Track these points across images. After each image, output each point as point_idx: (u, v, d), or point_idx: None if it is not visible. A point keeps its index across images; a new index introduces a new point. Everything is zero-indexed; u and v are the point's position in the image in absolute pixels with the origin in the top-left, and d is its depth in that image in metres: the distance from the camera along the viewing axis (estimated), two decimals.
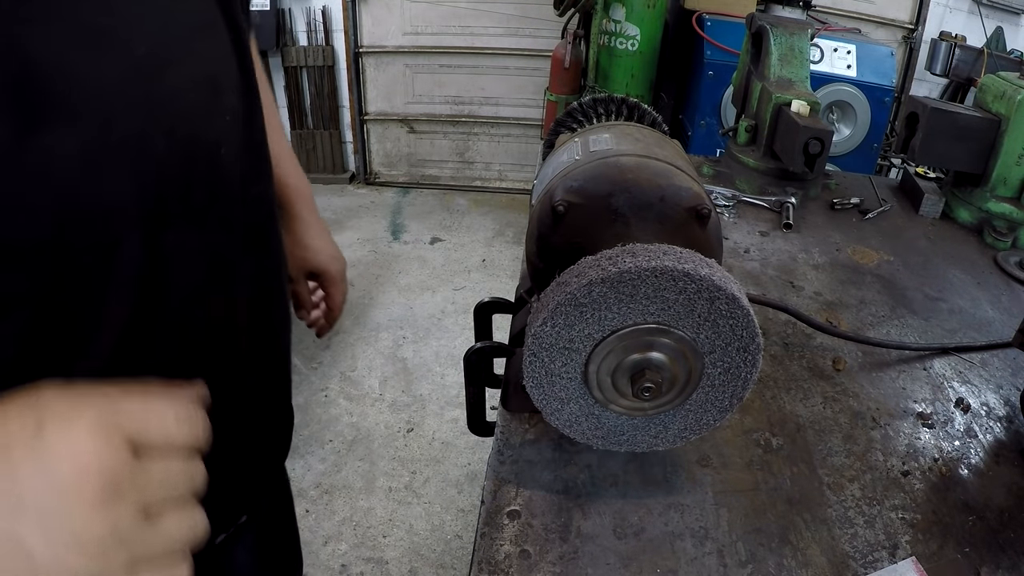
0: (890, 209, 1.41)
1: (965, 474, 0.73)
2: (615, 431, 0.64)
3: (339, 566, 1.90)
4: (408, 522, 2.06)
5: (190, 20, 0.55)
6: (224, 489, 0.70)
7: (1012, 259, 1.22)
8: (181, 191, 0.53)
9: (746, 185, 1.46)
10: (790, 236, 1.26)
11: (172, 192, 0.52)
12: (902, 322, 1.01)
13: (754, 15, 1.60)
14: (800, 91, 1.49)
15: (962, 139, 1.31)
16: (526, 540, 0.61)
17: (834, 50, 2.84)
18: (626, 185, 0.64)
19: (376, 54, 4.12)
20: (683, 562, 0.60)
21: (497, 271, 3.50)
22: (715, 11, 2.98)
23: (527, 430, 0.73)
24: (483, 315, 0.91)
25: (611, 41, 3.02)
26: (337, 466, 2.24)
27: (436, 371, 2.72)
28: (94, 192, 0.46)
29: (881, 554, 0.63)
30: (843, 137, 2.84)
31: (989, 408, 0.84)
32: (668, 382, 0.59)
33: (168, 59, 0.51)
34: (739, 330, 0.57)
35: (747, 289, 1.04)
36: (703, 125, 2.92)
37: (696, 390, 0.60)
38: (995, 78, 1.33)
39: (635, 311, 0.56)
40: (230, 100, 0.59)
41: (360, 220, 4.01)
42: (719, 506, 0.66)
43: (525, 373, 0.59)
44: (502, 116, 4.30)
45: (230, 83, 0.59)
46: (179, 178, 0.53)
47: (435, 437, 2.39)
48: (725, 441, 0.75)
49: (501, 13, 3.96)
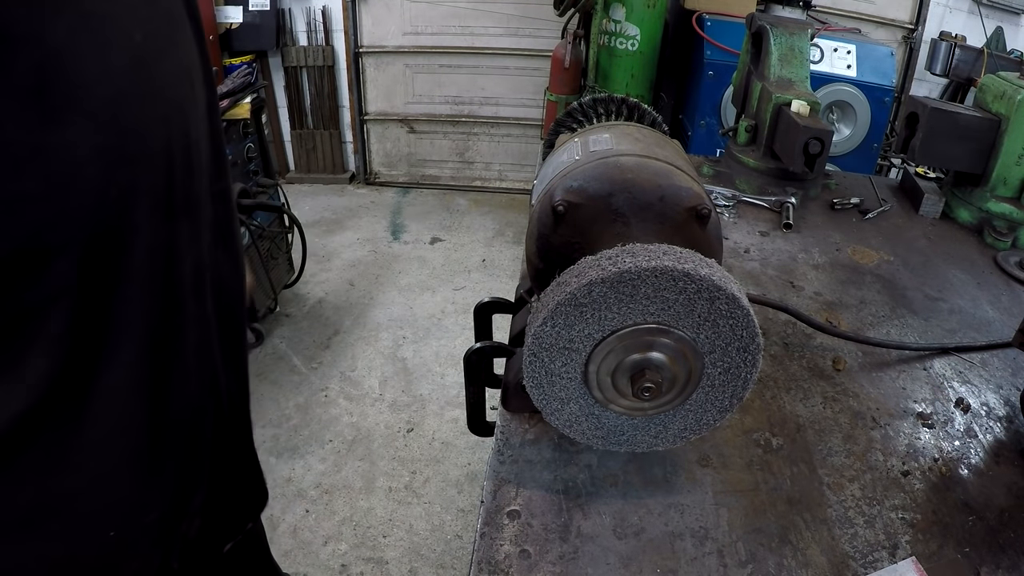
0: (890, 209, 1.41)
1: (965, 474, 0.73)
2: (615, 431, 0.64)
3: (339, 566, 1.90)
4: (408, 522, 2.06)
5: (166, 10, 0.55)
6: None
7: (1012, 259, 1.22)
8: (180, 181, 0.53)
9: (746, 185, 1.46)
10: (790, 236, 1.26)
11: (173, 182, 0.52)
12: (902, 322, 1.01)
13: (754, 15, 1.60)
14: (800, 91, 1.49)
15: (962, 139, 1.31)
16: (526, 540, 0.61)
17: (834, 50, 2.84)
18: (626, 185, 0.64)
19: (376, 54, 4.12)
20: (683, 562, 0.60)
21: (497, 271, 3.50)
22: (715, 11, 2.98)
23: (527, 430, 0.73)
24: (483, 315, 0.91)
25: (611, 41, 3.02)
26: (337, 466, 2.24)
27: (436, 371, 2.72)
28: (113, 185, 0.46)
29: (881, 554, 0.63)
30: (843, 137, 2.84)
31: (989, 408, 0.84)
32: (668, 382, 0.59)
33: (160, 48, 0.51)
34: (739, 330, 0.57)
35: (747, 289, 1.04)
36: (703, 125, 2.92)
37: (696, 390, 0.60)
38: (995, 78, 1.33)
39: (635, 311, 0.56)
40: (200, 91, 0.59)
41: (360, 220, 4.01)
42: (719, 506, 0.66)
43: (525, 373, 0.59)
44: (502, 116, 4.30)
45: (199, 74, 0.59)
46: (177, 169, 0.53)
47: (435, 437, 2.39)
48: (725, 441, 0.75)
49: (501, 13, 3.96)
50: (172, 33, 0.54)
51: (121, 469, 0.52)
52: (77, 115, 0.43)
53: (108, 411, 0.50)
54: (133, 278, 0.49)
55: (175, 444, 0.58)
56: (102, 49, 0.45)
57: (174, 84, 0.53)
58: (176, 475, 0.59)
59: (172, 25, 0.55)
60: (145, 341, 0.51)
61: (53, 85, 0.41)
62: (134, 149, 0.48)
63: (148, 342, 0.52)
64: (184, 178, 0.54)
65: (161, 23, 0.53)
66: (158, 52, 0.51)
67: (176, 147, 0.53)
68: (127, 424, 0.52)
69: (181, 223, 0.55)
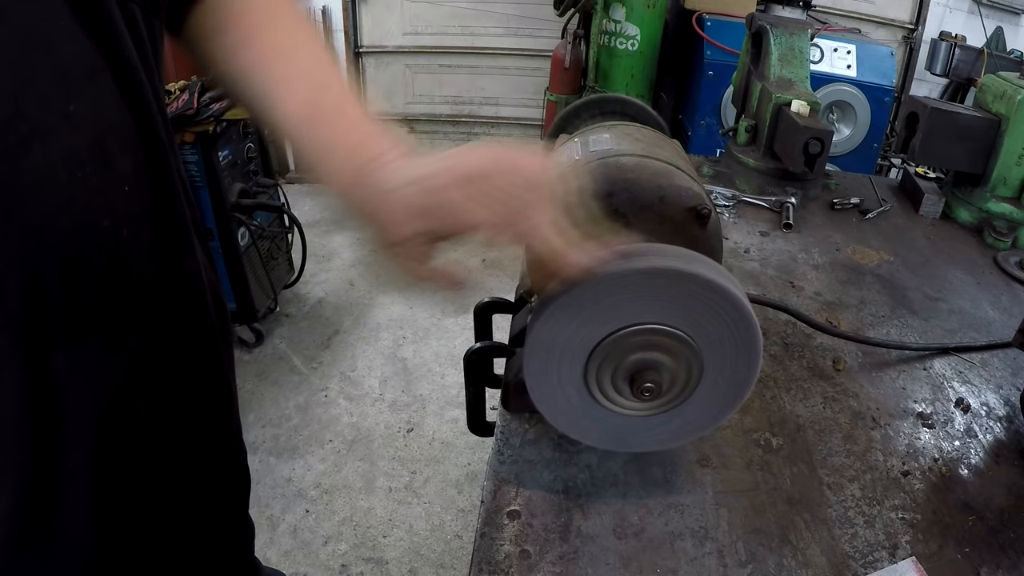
0: (890, 209, 1.41)
1: (965, 474, 0.73)
2: (615, 431, 0.64)
3: (339, 566, 1.90)
4: (408, 522, 2.05)
5: (59, 74, 0.40)
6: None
7: (1012, 259, 1.22)
8: (72, 299, 0.42)
9: (746, 185, 1.46)
10: (790, 236, 1.26)
11: (57, 303, 0.41)
12: (902, 322, 1.01)
13: (754, 15, 1.60)
14: (800, 91, 1.49)
15: (962, 139, 1.31)
16: (526, 540, 0.61)
17: (834, 50, 2.84)
18: (626, 185, 0.64)
19: (376, 54, 4.12)
20: (683, 562, 0.60)
21: (497, 271, 3.50)
22: (715, 11, 2.98)
23: (527, 430, 0.73)
24: (483, 315, 0.91)
25: (611, 41, 3.02)
26: (337, 466, 2.24)
27: (436, 371, 2.72)
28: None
29: (881, 554, 0.63)
30: (843, 137, 2.85)
31: (989, 408, 0.84)
32: (668, 382, 0.59)
33: (34, 129, 0.38)
34: (739, 330, 0.57)
35: (747, 289, 1.04)
36: (703, 125, 2.92)
37: (696, 390, 0.60)
38: (995, 78, 1.33)
39: (635, 311, 0.56)
40: (126, 163, 0.46)
41: None
42: (719, 506, 0.66)
43: (525, 373, 0.59)
44: (502, 116, 4.30)
45: (124, 141, 0.46)
46: (68, 282, 0.42)
47: (435, 437, 2.39)
48: (725, 441, 0.75)
49: (501, 13, 3.95)
50: (64, 104, 0.40)
51: None
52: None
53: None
54: (4, 420, 0.40)
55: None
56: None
57: (58, 175, 0.40)
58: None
59: (66, 91, 0.40)
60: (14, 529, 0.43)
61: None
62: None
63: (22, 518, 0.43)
64: (84, 289, 0.43)
65: (43, 94, 0.39)
66: (23, 141, 0.37)
67: (65, 253, 0.41)
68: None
69: (79, 350, 0.44)
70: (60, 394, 0.43)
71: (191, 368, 0.58)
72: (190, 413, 0.59)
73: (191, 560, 0.65)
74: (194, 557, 0.65)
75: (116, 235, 0.45)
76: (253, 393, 2.48)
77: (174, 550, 0.61)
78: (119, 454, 0.50)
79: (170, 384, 0.55)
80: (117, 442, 0.49)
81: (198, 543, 0.66)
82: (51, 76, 0.39)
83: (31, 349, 0.40)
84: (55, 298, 0.41)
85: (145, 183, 0.48)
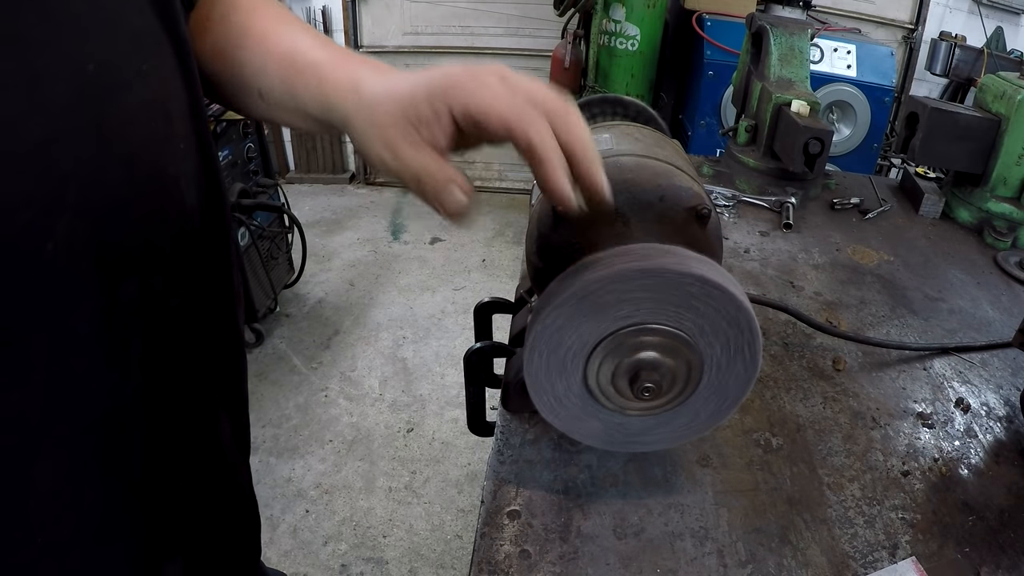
0: (890, 209, 1.41)
1: (965, 474, 0.73)
2: (615, 431, 0.64)
3: (339, 566, 1.90)
4: (408, 522, 2.06)
5: (134, 37, 0.47)
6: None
7: (1012, 259, 1.22)
8: (145, 232, 0.47)
9: (746, 185, 1.46)
10: (790, 236, 1.26)
11: (133, 234, 0.46)
12: (902, 322, 1.01)
13: (754, 15, 1.60)
14: (800, 91, 1.49)
15: (962, 139, 1.31)
16: (526, 540, 0.61)
17: (834, 50, 2.84)
18: (626, 185, 0.64)
19: (376, 54, 4.12)
20: (683, 562, 0.60)
21: (497, 271, 3.50)
22: (715, 11, 2.99)
23: (527, 430, 0.73)
24: (483, 315, 0.91)
25: (611, 41, 3.02)
26: (337, 466, 2.24)
27: (436, 371, 2.72)
28: (50, 240, 0.39)
29: (881, 554, 0.63)
30: (843, 137, 2.85)
31: (989, 408, 0.84)
32: (668, 382, 0.59)
33: (119, 80, 0.45)
34: (739, 330, 0.57)
35: (747, 289, 1.04)
36: (703, 125, 2.92)
37: (696, 390, 0.60)
38: (995, 78, 1.33)
39: (635, 311, 0.56)
40: (181, 126, 0.52)
41: (360, 220, 4.01)
42: (719, 506, 0.66)
43: (526, 373, 0.59)
44: None
45: (180, 106, 0.52)
46: (141, 217, 0.47)
47: (435, 437, 2.39)
48: (725, 441, 0.75)
49: (501, 13, 3.96)
50: (139, 62, 0.47)
51: (76, 541, 0.47)
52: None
53: (54, 485, 0.44)
54: (78, 339, 0.43)
55: (135, 513, 0.51)
56: (34, 82, 0.38)
57: (140, 120, 0.47)
58: (143, 544, 0.53)
59: (139, 53, 0.48)
60: (92, 415, 0.46)
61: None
62: (76, 197, 0.41)
63: (94, 417, 0.46)
64: (157, 224, 0.48)
65: (125, 50, 0.46)
66: (116, 84, 0.44)
67: (142, 191, 0.46)
68: (78, 496, 0.46)
69: (154, 274, 0.48)
70: (130, 319, 0.47)
71: (211, 332, 0.61)
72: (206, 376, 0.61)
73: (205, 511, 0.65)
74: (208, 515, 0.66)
75: (177, 184, 0.51)
76: (253, 393, 2.49)
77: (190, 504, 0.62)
78: (167, 389, 0.53)
79: (195, 343, 0.57)
80: (165, 378, 0.53)
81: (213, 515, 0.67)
82: (128, 39, 0.47)
83: (105, 272, 0.44)
84: (133, 223, 0.46)
85: (195, 148, 0.54)
